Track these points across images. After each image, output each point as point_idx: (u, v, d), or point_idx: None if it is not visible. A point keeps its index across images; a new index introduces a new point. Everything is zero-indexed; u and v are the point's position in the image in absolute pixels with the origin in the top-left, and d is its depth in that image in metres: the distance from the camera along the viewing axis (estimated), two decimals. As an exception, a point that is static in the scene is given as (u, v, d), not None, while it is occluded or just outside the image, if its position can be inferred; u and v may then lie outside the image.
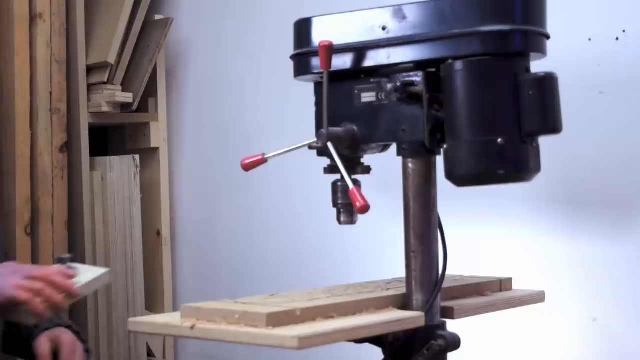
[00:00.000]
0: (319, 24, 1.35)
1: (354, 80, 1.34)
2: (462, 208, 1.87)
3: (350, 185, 1.30)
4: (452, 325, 1.30)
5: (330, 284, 1.48)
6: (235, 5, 2.52)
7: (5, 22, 2.26)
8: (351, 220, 1.40)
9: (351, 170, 1.35)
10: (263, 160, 1.42)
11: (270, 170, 1.84)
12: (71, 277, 1.58)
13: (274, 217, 2.41)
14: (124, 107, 2.48)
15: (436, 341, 1.24)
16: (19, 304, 1.50)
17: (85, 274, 1.63)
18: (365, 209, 1.28)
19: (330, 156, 1.34)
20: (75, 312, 2.37)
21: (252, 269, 2.46)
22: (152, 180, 2.58)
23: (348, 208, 1.38)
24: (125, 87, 2.46)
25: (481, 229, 2.07)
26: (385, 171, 1.46)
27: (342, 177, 1.33)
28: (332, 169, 1.36)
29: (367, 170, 1.40)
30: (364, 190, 1.32)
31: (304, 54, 1.37)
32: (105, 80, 2.41)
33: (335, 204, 1.39)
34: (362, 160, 1.39)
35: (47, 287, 1.52)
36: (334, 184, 1.39)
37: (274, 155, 1.40)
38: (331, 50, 1.29)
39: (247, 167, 1.45)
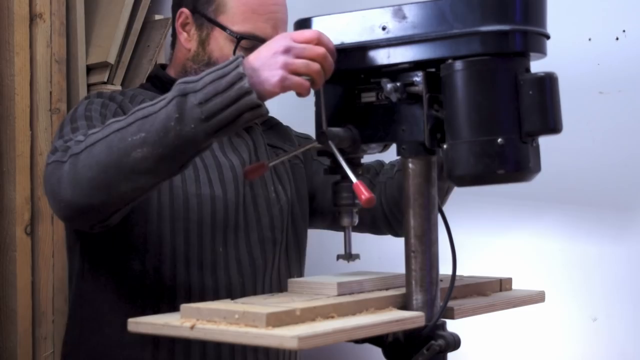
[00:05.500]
0: (319, 23, 1.35)
1: (354, 80, 1.34)
2: (462, 208, 1.87)
3: (354, 179, 1.28)
4: (452, 325, 1.29)
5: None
6: (235, 5, 2.52)
7: (5, 22, 2.25)
8: (352, 221, 1.39)
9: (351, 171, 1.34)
10: (265, 169, 1.42)
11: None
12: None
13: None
14: (124, 107, 2.48)
15: (436, 341, 1.24)
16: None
17: None
18: (371, 201, 1.25)
19: (330, 156, 1.33)
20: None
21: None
22: (152, 181, 2.56)
23: (349, 209, 1.37)
24: (125, 87, 2.46)
25: (481, 229, 2.07)
26: (385, 171, 1.46)
27: (344, 175, 1.30)
28: (332, 169, 1.36)
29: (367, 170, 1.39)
30: (363, 191, 1.32)
31: (304, 54, 1.36)
32: (105, 80, 2.41)
33: (335, 205, 1.39)
34: (362, 160, 1.39)
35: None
36: (335, 184, 1.39)
37: (275, 162, 1.40)
38: (331, 50, 1.29)
39: (251, 177, 1.45)
